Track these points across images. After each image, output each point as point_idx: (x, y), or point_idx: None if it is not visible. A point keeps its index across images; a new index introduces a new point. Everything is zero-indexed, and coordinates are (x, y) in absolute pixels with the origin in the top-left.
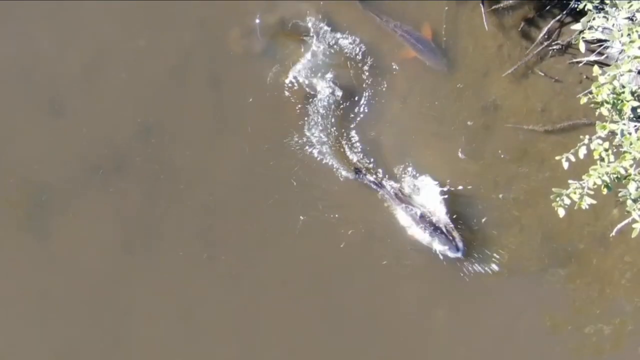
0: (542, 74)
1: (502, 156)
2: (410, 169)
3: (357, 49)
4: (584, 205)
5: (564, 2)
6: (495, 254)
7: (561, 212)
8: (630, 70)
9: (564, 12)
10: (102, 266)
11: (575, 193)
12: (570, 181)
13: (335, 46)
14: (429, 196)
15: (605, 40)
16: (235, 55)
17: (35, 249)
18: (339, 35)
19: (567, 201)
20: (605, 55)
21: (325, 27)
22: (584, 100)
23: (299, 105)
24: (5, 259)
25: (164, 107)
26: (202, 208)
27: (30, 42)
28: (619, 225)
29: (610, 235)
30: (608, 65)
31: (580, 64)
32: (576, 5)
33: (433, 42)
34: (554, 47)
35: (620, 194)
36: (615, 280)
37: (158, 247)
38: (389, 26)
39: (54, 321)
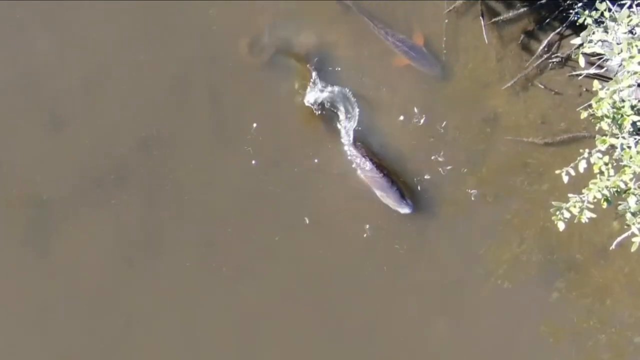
0: (542, 87)
1: (502, 168)
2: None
3: (358, 66)
4: (584, 219)
5: (564, 15)
6: (495, 266)
7: (561, 226)
8: (630, 86)
9: (564, 25)
10: (103, 277)
11: (575, 207)
12: (570, 195)
13: (336, 67)
14: None
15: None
16: (236, 68)
17: (36, 260)
18: (339, 56)
19: (567, 215)
20: (605, 68)
21: (326, 52)
22: (584, 114)
23: (300, 118)
24: (6, 271)
25: (165, 119)
26: (204, 219)
27: (30, 54)
28: (619, 238)
29: (610, 248)
30: (608, 77)
31: (580, 77)
32: (576, 18)
33: (425, 48)
34: (554, 59)
35: (619, 207)
36: (616, 292)
37: (159, 259)
38: (382, 33)
39: (54, 333)
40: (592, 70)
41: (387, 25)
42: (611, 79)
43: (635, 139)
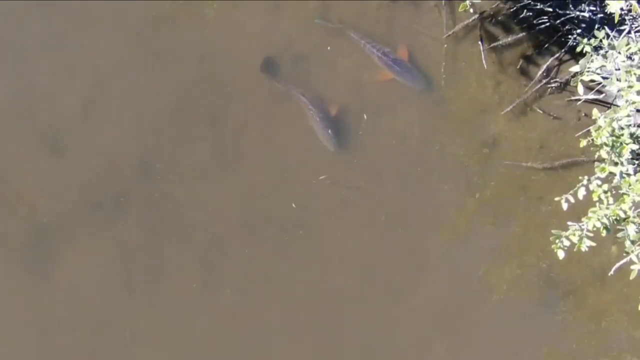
0: (541, 111)
1: (501, 192)
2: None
3: (356, 89)
4: (584, 248)
5: (563, 40)
6: (494, 288)
7: (561, 254)
8: (628, 115)
9: (563, 50)
10: (103, 304)
11: (574, 235)
12: (569, 223)
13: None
14: None
15: (605, 78)
16: (235, 93)
17: (36, 284)
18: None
19: (567, 243)
20: (604, 94)
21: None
22: (583, 142)
23: (301, 142)
24: (5, 296)
25: (165, 143)
26: (205, 243)
27: (30, 79)
28: (617, 264)
29: (609, 274)
30: (607, 102)
31: (579, 102)
32: (574, 44)
33: (409, 62)
34: (553, 84)
35: (618, 234)
36: (614, 314)
37: (160, 283)
38: (366, 47)
39: (53, 357)
40: (591, 96)
41: (372, 39)
42: (610, 103)
43: (634, 166)
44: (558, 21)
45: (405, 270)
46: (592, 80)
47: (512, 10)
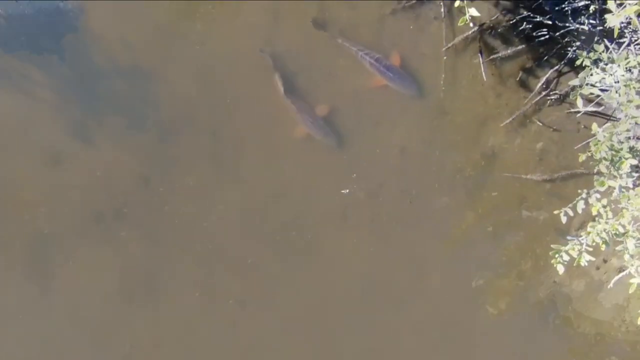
0: (540, 123)
1: (500, 204)
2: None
3: (357, 101)
4: (583, 262)
5: (562, 52)
6: (494, 299)
7: (560, 269)
8: (628, 130)
9: (562, 62)
10: (104, 313)
11: (574, 249)
12: (568, 238)
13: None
14: None
15: (604, 90)
16: (234, 104)
17: (36, 296)
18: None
19: (566, 257)
20: (603, 106)
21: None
22: (582, 157)
23: (301, 149)
24: (6, 307)
25: (164, 155)
26: (204, 254)
27: (29, 91)
28: (617, 277)
29: (609, 286)
30: (606, 114)
31: (579, 114)
32: (574, 56)
33: (402, 69)
34: (552, 96)
35: (617, 248)
36: (614, 325)
37: (161, 294)
38: (359, 54)
39: None
40: (591, 108)
41: (364, 46)
42: (610, 116)
43: (633, 180)
44: (557, 33)
45: (405, 279)
46: (592, 93)
47: (511, 22)
